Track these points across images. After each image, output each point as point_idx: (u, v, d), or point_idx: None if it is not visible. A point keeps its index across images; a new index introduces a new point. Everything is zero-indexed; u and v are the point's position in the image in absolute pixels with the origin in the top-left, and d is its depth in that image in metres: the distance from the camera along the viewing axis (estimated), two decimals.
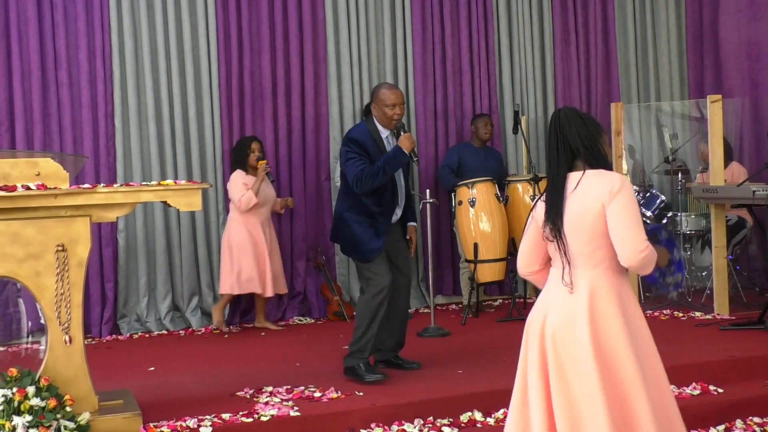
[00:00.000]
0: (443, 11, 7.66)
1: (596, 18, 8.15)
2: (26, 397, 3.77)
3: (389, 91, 4.89)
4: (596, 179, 2.95)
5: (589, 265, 2.95)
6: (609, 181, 2.92)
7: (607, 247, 2.92)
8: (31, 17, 6.60)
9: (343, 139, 5.09)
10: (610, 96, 8.11)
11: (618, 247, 2.88)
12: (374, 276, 4.82)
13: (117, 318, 6.85)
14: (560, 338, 2.93)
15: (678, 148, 7.32)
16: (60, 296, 3.98)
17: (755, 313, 5.96)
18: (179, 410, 4.30)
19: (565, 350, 2.91)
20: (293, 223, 7.25)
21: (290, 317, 7.14)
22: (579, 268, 2.96)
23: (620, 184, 2.90)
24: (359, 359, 4.83)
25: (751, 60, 7.81)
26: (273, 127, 7.20)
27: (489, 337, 6.10)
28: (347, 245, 4.99)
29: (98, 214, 4.08)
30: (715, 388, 4.65)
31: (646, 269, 2.92)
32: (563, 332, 2.93)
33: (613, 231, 2.89)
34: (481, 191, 6.66)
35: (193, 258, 7.00)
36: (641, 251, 2.85)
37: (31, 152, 6.32)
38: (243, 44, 7.13)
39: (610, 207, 2.89)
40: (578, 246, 2.95)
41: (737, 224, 7.04)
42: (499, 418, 4.34)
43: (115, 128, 6.85)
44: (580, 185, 2.96)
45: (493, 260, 6.64)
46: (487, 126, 7.22)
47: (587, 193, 2.93)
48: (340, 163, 5.03)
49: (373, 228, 4.85)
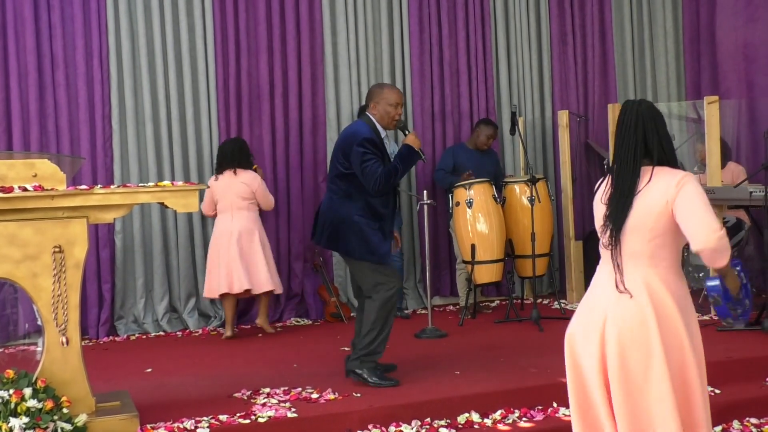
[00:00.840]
0: (440, 13, 7.66)
1: (593, 19, 8.16)
2: (23, 399, 3.77)
3: (393, 91, 4.87)
4: (662, 176, 2.91)
5: (648, 265, 2.89)
6: (673, 177, 2.89)
7: (668, 247, 2.89)
8: (28, 18, 6.60)
9: (349, 138, 4.78)
10: (607, 97, 8.12)
11: (692, 233, 2.79)
12: (386, 279, 4.76)
13: (114, 319, 6.85)
14: (629, 344, 2.87)
15: (675, 149, 7.32)
16: (57, 298, 3.98)
17: (752, 314, 5.96)
18: (176, 411, 4.30)
19: (635, 355, 2.86)
20: (290, 224, 7.25)
21: (287, 318, 7.14)
22: (637, 267, 2.90)
23: (685, 178, 2.87)
24: (368, 363, 4.77)
25: (748, 61, 7.82)
26: (270, 129, 7.19)
27: (486, 338, 6.10)
28: (358, 248, 4.74)
29: (95, 216, 4.08)
30: (713, 389, 4.65)
31: (721, 255, 2.80)
32: (632, 337, 2.87)
33: (684, 218, 2.82)
34: (479, 192, 6.67)
35: (190, 259, 7.00)
36: (716, 231, 2.76)
37: (28, 153, 6.31)
38: (240, 46, 7.13)
39: (678, 199, 2.84)
40: (638, 245, 2.90)
41: (735, 225, 7.04)
42: (496, 419, 4.34)
43: (112, 129, 6.85)
44: (650, 183, 2.91)
45: (491, 261, 6.65)
46: (489, 139, 7.17)
47: (651, 191, 2.89)
48: (354, 164, 4.71)
49: (381, 231, 4.79)
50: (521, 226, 6.79)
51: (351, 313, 7.09)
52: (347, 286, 7.35)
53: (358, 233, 4.73)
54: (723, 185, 6.33)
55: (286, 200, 7.25)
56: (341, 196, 4.80)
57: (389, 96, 4.83)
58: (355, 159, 4.71)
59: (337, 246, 4.90)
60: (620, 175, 2.95)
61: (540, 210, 6.67)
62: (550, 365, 4.90)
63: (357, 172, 4.71)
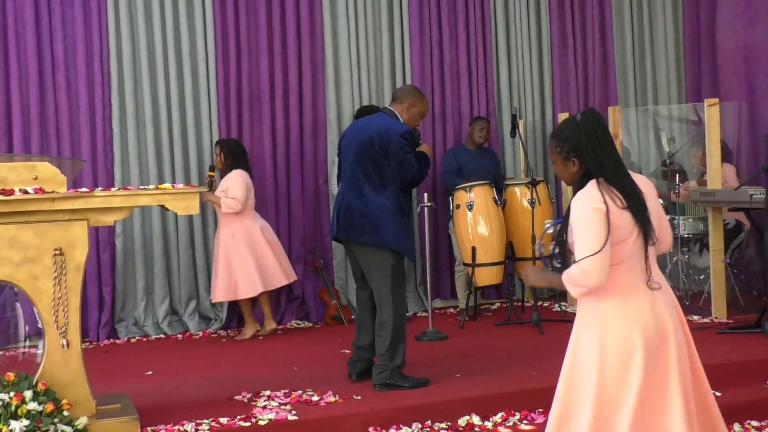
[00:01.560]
0: (441, 15, 7.66)
1: (594, 22, 8.17)
2: (23, 402, 3.77)
3: (426, 105, 4.98)
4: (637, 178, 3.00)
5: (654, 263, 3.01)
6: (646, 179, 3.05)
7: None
8: (29, 21, 6.60)
9: (389, 129, 4.73)
10: (607, 99, 8.11)
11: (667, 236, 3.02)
12: (403, 277, 4.85)
13: (114, 322, 6.84)
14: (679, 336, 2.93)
15: (676, 151, 7.33)
16: (57, 300, 3.98)
17: (753, 317, 5.95)
18: (177, 414, 4.30)
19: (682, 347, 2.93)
20: (291, 226, 7.25)
21: (288, 321, 7.14)
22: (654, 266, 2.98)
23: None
24: (397, 372, 4.75)
25: (748, 64, 7.82)
26: (271, 131, 7.19)
27: (487, 340, 6.10)
28: (396, 239, 4.70)
29: (96, 218, 4.08)
30: (713, 392, 4.64)
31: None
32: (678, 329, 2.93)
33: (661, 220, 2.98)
34: (479, 195, 6.67)
35: (190, 262, 7.00)
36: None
37: (29, 156, 6.32)
38: (241, 48, 7.14)
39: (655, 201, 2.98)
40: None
41: (735, 228, 7.05)
42: (497, 421, 4.34)
43: (113, 132, 6.85)
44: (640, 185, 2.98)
45: (491, 264, 6.65)
46: (482, 130, 7.21)
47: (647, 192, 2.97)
48: (394, 154, 4.68)
49: (408, 228, 4.87)
50: (522, 228, 6.79)
51: (351, 315, 7.09)
52: (347, 289, 7.35)
53: (395, 223, 4.71)
54: (724, 188, 6.33)
55: (287, 202, 7.25)
56: (375, 187, 4.74)
57: (424, 107, 4.94)
58: (397, 150, 4.69)
59: (370, 236, 4.74)
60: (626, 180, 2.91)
61: (540, 212, 6.67)
62: (551, 368, 4.86)
63: (394, 162, 4.70)
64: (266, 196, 7.09)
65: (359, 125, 5.02)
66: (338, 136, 7.29)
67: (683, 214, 7.13)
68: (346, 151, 4.93)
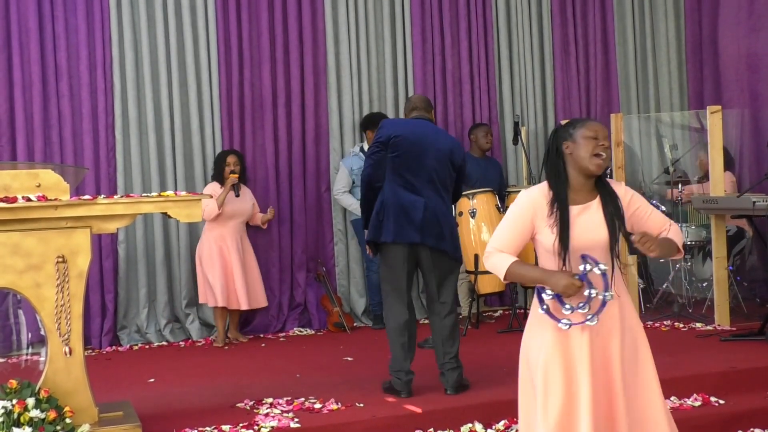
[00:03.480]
0: (443, 22, 7.68)
1: (596, 29, 8.18)
2: (26, 409, 3.76)
3: None
4: None
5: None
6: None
7: None
8: (32, 29, 6.62)
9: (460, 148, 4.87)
10: (609, 107, 8.12)
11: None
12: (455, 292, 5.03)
13: (117, 329, 6.84)
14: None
15: (678, 158, 7.32)
16: (60, 307, 3.98)
17: (756, 324, 5.94)
18: (179, 422, 4.29)
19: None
20: (293, 234, 7.25)
21: (290, 328, 7.13)
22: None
23: None
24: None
25: (751, 71, 7.82)
26: (273, 138, 7.21)
27: (489, 348, 6.10)
28: (457, 246, 4.88)
29: (98, 226, 4.09)
30: (716, 400, 4.64)
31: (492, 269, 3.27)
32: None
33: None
34: (482, 202, 6.67)
35: (192, 269, 6.99)
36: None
37: (32, 164, 6.33)
38: (243, 56, 7.15)
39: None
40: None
41: (737, 235, 7.04)
42: (500, 429, 4.33)
43: (116, 140, 6.86)
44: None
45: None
46: (487, 136, 7.22)
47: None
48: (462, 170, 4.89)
49: None
50: None
51: (353, 323, 7.09)
52: (350, 296, 7.35)
53: (457, 231, 4.95)
54: (726, 195, 6.33)
55: (289, 210, 7.25)
56: (446, 202, 4.87)
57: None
58: (464, 169, 4.96)
59: (448, 245, 4.76)
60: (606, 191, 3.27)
61: None
62: None
63: (460, 179, 4.94)
64: (268, 203, 7.09)
65: (423, 131, 4.76)
66: (340, 143, 7.32)
67: (686, 221, 7.13)
68: (413, 153, 4.68)
